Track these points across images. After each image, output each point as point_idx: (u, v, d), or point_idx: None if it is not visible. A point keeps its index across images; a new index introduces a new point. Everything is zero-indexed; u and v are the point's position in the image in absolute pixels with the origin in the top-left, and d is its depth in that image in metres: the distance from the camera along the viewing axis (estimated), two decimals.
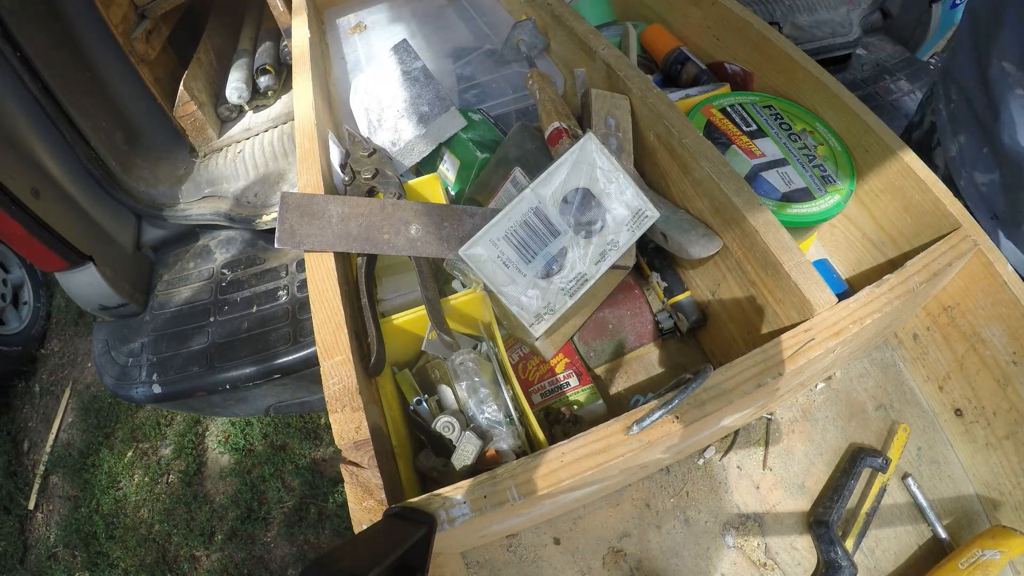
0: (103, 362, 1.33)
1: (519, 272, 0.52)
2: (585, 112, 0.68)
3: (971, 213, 0.61)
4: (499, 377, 0.56)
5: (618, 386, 0.65)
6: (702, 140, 0.58)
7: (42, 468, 1.97)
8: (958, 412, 0.59)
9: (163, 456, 1.88)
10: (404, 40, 0.84)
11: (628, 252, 0.56)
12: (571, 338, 0.66)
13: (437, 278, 0.65)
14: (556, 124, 0.64)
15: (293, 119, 1.12)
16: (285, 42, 1.59)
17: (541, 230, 0.52)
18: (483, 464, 0.50)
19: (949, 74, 0.74)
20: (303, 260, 0.87)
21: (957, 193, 0.73)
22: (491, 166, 0.69)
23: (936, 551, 0.55)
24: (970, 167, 0.71)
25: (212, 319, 1.34)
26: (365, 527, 0.40)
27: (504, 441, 0.51)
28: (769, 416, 0.61)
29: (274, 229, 0.60)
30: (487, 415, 0.53)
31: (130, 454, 1.91)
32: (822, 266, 0.64)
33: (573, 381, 0.63)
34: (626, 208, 0.54)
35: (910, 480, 0.57)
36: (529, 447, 0.53)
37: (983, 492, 0.57)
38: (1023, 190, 0.65)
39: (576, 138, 0.62)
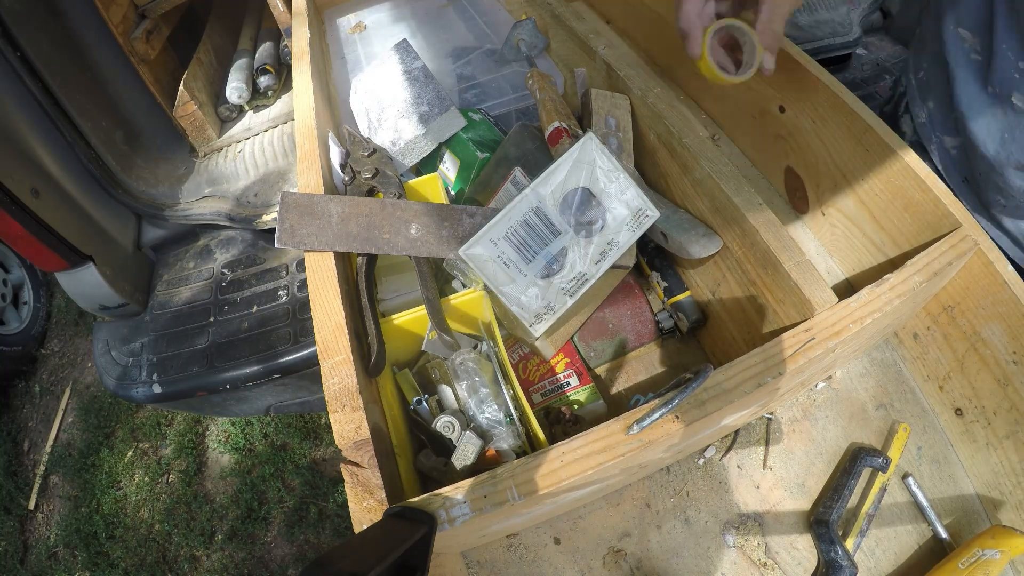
0: (103, 362, 1.33)
1: (519, 272, 0.52)
2: (585, 112, 0.68)
3: (941, 177, 0.63)
4: (499, 377, 0.56)
5: (618, 386, 0.65)
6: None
7: (42, 468, 1.97)
8: (958, 412, 0.58)
9: (163, 456, 1.88)
10: (404, 40, 0.84)
11: (628, 252, 0.56)
12: (571, 338, 0.66)
13: (437, 278, 0.65)
14: (556, 124, 0.64)
15: (293, 119, 1.12)
16: (285, 42, 1.59)
17: (541, 230, 0.52)
18: (483, 464, 0.50)
19: (921, 43, 0.76)
20: (303, 260, 0.87)
21: (927, 158, 0.75)
22: (491, 166, 0.69)
23: (936, 551, 0.55)
24: (940, 132, 0.73)
25: (212, 319, 1.34)
26: (365, 527, 0.40)
27: (504, 441, 0.51)
28: (769, 416, 0.61)
29: (274, 229, 0.60)
30: (487, 415, 0.53)
31: (130, 454, 1.91)
32: None
33: (573, 381, 0.63)
34: (626, 208, 0.54)
35: (910, 480, 0.57)
36: (529, 447, 0.53)
37: (983, 492, 0.57)
38: (975, 154, 0.67)
39: (576, 138, 0.62)
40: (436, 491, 0.40)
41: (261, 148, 1.48)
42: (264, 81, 1.53)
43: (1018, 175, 0.64)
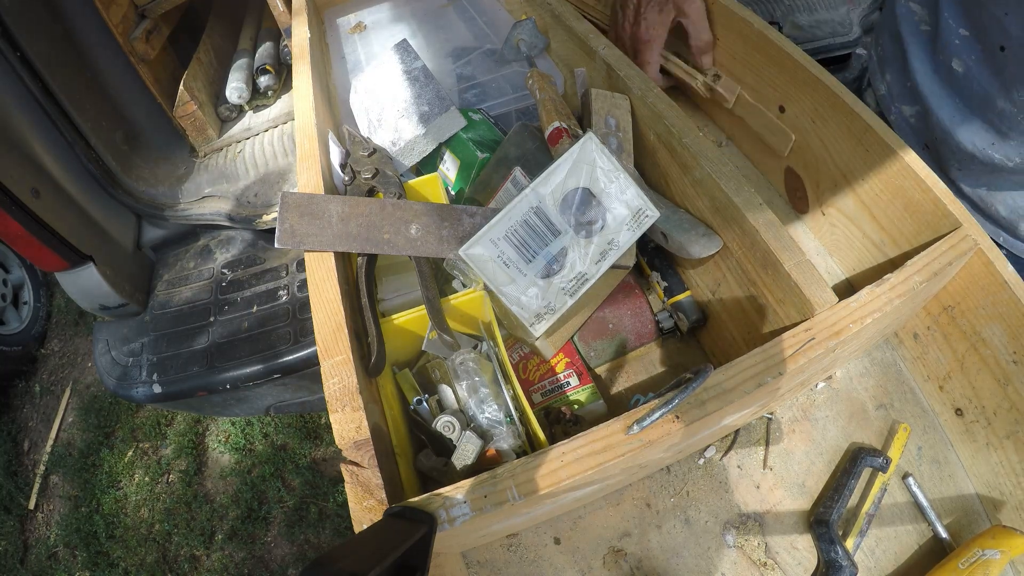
0: (103, 362, 1.33)
1: (519, 272, 0.52)
2: (585, 112, 0.68)
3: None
4: (499, 377, 0.56)
5: (618, 386, 0.65)
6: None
7: (42, 468, 1.97)
8: (959, 412, 0.58)
9: (163, 456, 1.88)
10: (404, 40, 0.84)
11: (628, 252, 0.56)
12: (571, 338, 0.66)
13: (437, 278, 0.65)
14: (556, 124, 0.64)
15: (293, 119, 1.12)
16: (285, 42, 1.59)
17: (541, 230, 0.52)
18: (483, 464, 0.50)
19: (880, 22, 0.82)
20: (303, 260, 0.87)
21: (889, 126, 0.77)
22: (491, 166, 0.69)
23: (936, 551, 0.55)
24: (898, 101, 0.77)
25: (212, 319, 1.34)
26: (365, 527, 0.40)
27: (504, 441, 0.51)
28: (769, 416, 0.61)
29: (274, 229, 0.60)
30: (487, 415, 0.53)
31: (130, 454, 1.91)
32: None
33: (573, 381, 0.63)
34: (626, 208, 0.54)
35: (910, 480, 0.57)
36: (529, 447, 0.53)
37: (984, 492, 0.57)
38: (931, 120, 0.71)
39: (576, 138, 0.62)
40: (436, 491, 0.40)
41: (261, 148, 1.48)
42: (264, 81, 1.53)
43: (967, 139, 0.67)
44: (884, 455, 0.57)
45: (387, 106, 0.77)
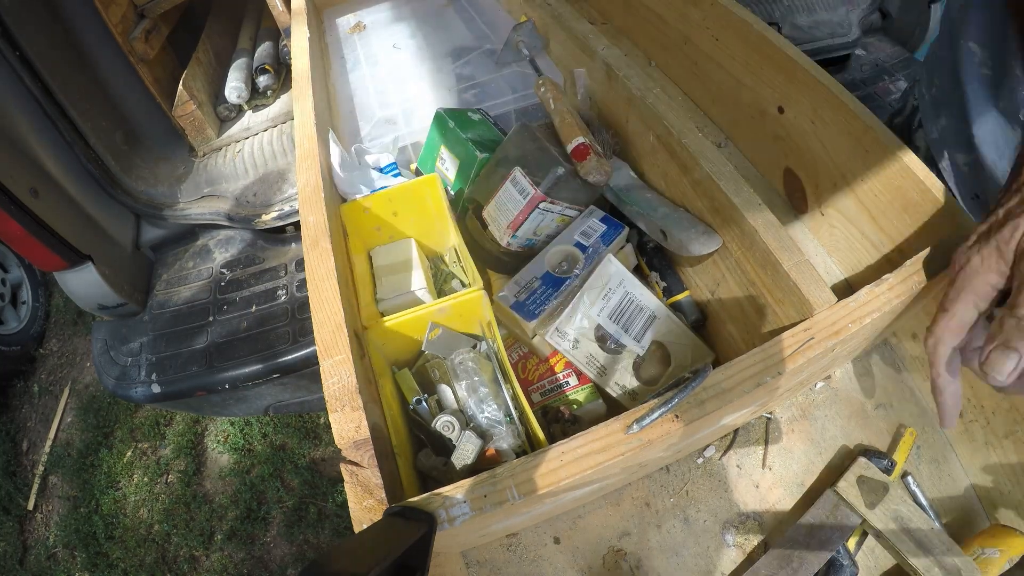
0: (102, 362, 1.33)
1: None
2: None
3: (952, 193, 0.61)
4: (499, 376, 0.56)
5: None
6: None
7: (41, 468, 1.97)
8: None
9: (162, 456, 1.88)
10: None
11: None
12: None
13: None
14: (580, 140, 0.63)
15: (292, 119, 1.12)
16: (285, 42, 1.59)
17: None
18: (483, 463, 0.50)
19: (935, 59, 0.75)
20: (302, 260, 0.88)
21: (938, 174, 0.73)
22: (491, 166, 0.69)
23: None
24: (952, 148, 0.71)
25: (211, 319, 1.34)
26: (365, 527, 0.40)
27: (504, 440, 0.51)
28: (769, 415, 0.61)
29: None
30: (487, 414, 0.53)
31: (129, 454, 1.91)
32: None
33: (572, 380, 0.63)
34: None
35: (910, 479, 0.57)
36: (529, 446, 0.53)
37: (982, 491, 0.57)
38: (984, 171, 0.65)
39: (599, 155, 0.61)
40: (436, 491, 0.40)
41: (260, 148, 1.48)
42: (263, 81, 1.53)
43: None
44: (889, 457, 0.57)
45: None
